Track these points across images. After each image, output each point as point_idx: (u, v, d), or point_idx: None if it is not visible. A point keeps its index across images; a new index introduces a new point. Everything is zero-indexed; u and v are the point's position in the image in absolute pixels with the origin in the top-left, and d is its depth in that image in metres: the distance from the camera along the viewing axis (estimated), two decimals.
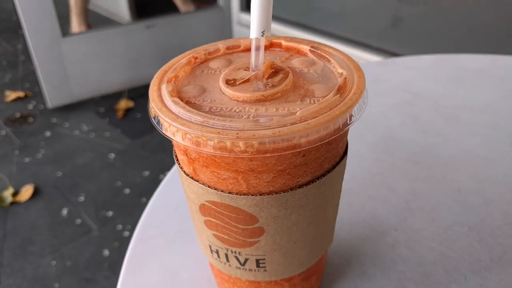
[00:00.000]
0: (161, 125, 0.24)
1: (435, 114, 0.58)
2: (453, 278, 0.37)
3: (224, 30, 2.24)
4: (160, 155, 1.78)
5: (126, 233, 1.40)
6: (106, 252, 1.34)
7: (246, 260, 0.29)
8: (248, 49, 0.30)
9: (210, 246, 0.30)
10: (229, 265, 0.30)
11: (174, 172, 0.51)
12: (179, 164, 0.28)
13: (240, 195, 0.25)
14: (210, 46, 0.30)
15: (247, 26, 2.07)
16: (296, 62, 0.29)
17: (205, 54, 0.30)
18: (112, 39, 2.06)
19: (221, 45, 0.30)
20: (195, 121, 0.23)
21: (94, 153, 1.80)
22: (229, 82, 0.26)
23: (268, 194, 0.25)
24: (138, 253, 0.41)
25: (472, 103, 0.60)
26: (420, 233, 0.41)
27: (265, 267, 0.29)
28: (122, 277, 0.39)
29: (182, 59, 0.29)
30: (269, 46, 0.30)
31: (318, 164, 0.25)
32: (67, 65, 1.98)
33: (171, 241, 0.42)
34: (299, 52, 0.30)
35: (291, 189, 0.25)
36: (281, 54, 0.30)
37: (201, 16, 2.24)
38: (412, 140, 0.53)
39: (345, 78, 0.25)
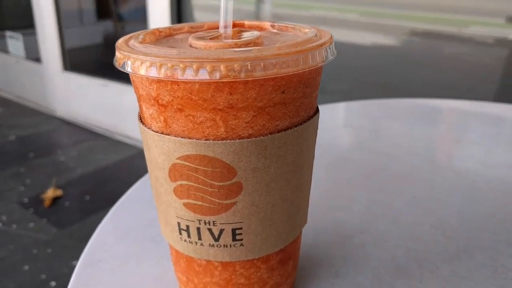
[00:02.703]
0: (132, 66, 0.23)
1: (379, 141, 0.60)
2: (426, 268, 0.36)
3: None
4: None
5: None
6: None
7: (221, 232, 0.26)
8: (212, 28, 0.31)
9: (178, 224, 0.27)
10: (201, 244, 0.27)
11: (125, 199, 0.47)
12: (145, 125, 0.26)
13: (218, 140, 0.23)
14: (174, 25, 0.30)
15: None
16: (262, 33, 0.29)
17: (169, 29, 0.30)
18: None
19: (185, 24, 0.31)
20: (170, 55, 0.22)
21: (15, 246, 1.63)
22: (200, 38, 0.26)
23: (248, 138, 0.24)
24: (84, 277, 0.36)
25: (408, 133, 0.64)
26: (386, 234, 0.41)
27: (241, 240, 0.26)
28: None
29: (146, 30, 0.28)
30: (232, 26, 0.31)
31: (296, 108, 0.25)
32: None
33: (123, 263, 0.38)
34: (262, 29, 0.31)
35: (270, 133, 0.24)
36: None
37: None
38: (362, 161, 0.55)
39: (313, 32, 0.26)
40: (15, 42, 2.91)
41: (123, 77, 2.43)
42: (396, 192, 0.48)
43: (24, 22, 2.84)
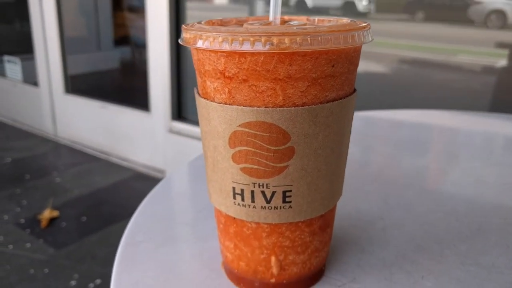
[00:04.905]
0: (204, 42, 0.26)
1: (384, 146, 0.64)
2: (444, 246, 0.40)
3: (155, 133, 2.29)
4: (88, 264, 1.64)
5: None
6: None
7: (273, 194, 0.29)
8: (256, 19, 0.35)
9: (233, 189, 0.30)
10: (254, 206, 0.30)
11: (157, 191, 0.50)
12: (207, 98, 0.29)
13: (276, 108, 0.27)
14: (223, 18, 0.34)
15: (179, 133, 2.15)
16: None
17: (220, 21, 0.34)
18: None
19: (232, 18, 0.35)
20: (239, 31, 0.26)
21: (11, 266, 1.61)
22: (253, 25, 0.30)
23: (302, 106, 0.27)
24: (129, 254, 0.39)
25: (411, 139, 0.68)
26: (403, 220, 0.44)
27: (290, 202, 0.30)
28: (114, 275, 0.36)
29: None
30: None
31: (342, 82, 0.28)
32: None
33: (162, 244, 0.40)
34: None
35: (321, 102, 0.28)
36: None
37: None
38: (371, 162, 0.58)
39: (350, 20, 0.30)
40: (13, 66, 2.94)
41: (121, 100, 2.47)
42: (407, 186, 0.51)
43: (23, 47, 2.88)
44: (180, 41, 0.29)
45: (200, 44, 0.27)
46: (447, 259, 0.38)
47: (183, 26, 0.29)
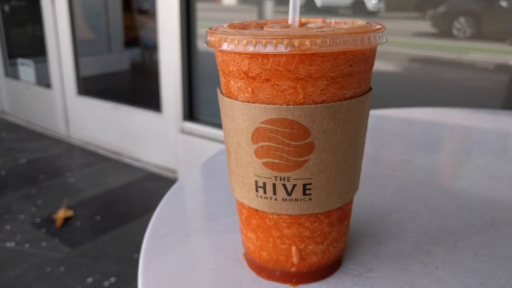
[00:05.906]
0: (229, 45, 0.28)
1: (398, 143, 0.66)
2: (458, 237, 0.41)
3: (167, 134, 2.32)
4: (103, 262, 1.66)
5: None
6: None
7: (293, 187, 0.31)
8: (274, 22, 0.37)
9: (256, 183, 0.32)
10: (275, 199, 0.31)
11: (176, 188, 0.52)
12: (231, 97, 0.31)
13: (297, 105, 0.29)
14: (243, 21, 0.36)
15: (190, 133, 2.17)
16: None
17: (241, 24, 0.35)
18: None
19: (252, 21, 0.36)
20: (262, 34, 0.27)
21: (28, 264, 1.65)
22: (274, 28, 0.31)
23: (321, 103, 0.29)
24: (154, 246, 0.40)
25: (425, 135, 0.69)
26: (417, 213, 0.45)
27: (310, 195, 0.31)
28: (141, 266, 0.38)
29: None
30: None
31: (358, 80, 0.30)
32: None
33: (186, 236, 0.42)
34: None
35: (339, 100, 0.29)
36: None
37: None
38: (386, 158, 0.60)
39: (366, 22, 0.32)
40: (26, 68, 2.99)
41: (132, 101, 2.50)
42: (421, 181, 0.53)
43: (36, 50, 2.93)
44: (204, 44, 0.31)
45: (225, 46, 0.29)
46: (461, 250, 0.39)
47: (208, 30, 0.31)
